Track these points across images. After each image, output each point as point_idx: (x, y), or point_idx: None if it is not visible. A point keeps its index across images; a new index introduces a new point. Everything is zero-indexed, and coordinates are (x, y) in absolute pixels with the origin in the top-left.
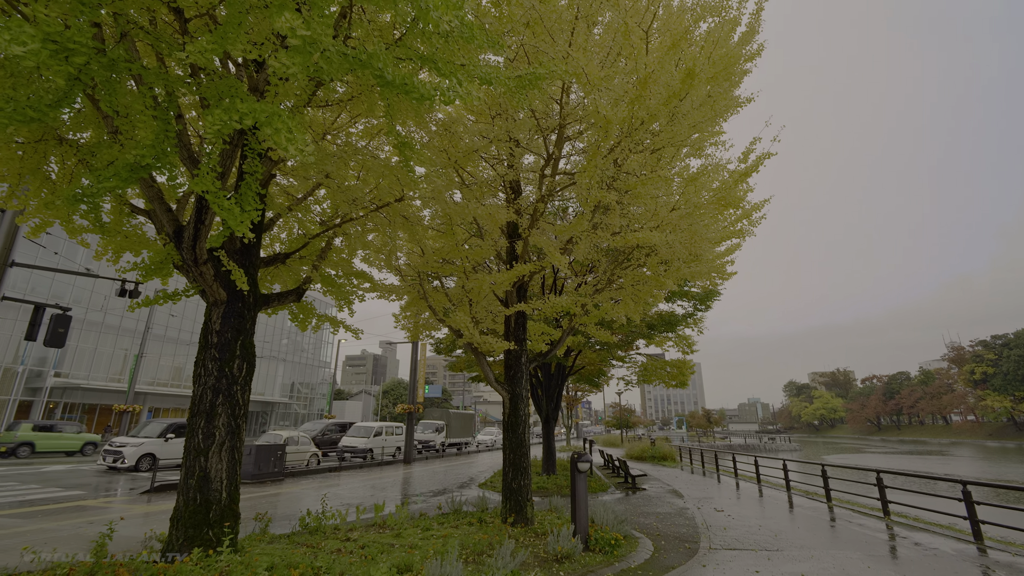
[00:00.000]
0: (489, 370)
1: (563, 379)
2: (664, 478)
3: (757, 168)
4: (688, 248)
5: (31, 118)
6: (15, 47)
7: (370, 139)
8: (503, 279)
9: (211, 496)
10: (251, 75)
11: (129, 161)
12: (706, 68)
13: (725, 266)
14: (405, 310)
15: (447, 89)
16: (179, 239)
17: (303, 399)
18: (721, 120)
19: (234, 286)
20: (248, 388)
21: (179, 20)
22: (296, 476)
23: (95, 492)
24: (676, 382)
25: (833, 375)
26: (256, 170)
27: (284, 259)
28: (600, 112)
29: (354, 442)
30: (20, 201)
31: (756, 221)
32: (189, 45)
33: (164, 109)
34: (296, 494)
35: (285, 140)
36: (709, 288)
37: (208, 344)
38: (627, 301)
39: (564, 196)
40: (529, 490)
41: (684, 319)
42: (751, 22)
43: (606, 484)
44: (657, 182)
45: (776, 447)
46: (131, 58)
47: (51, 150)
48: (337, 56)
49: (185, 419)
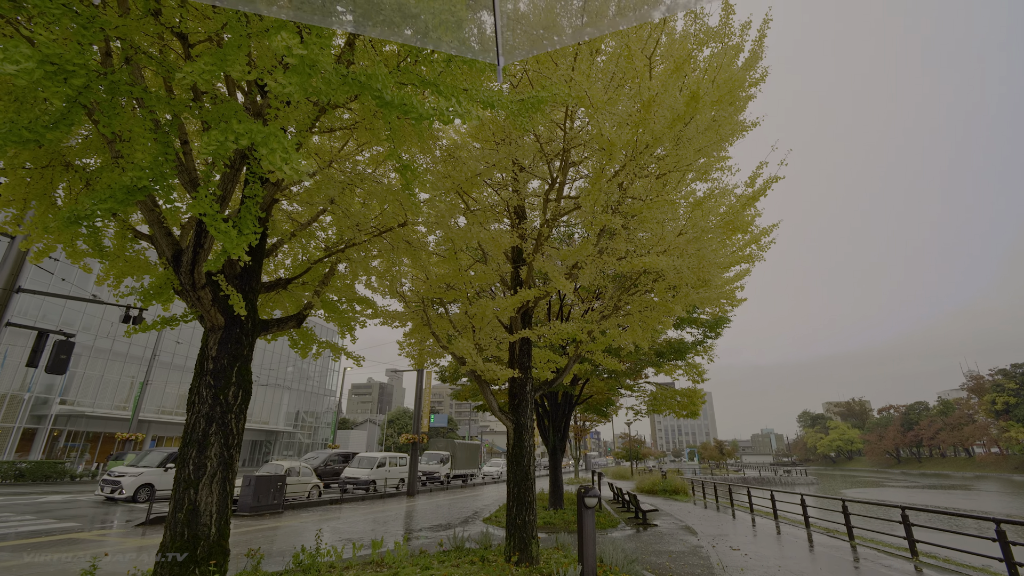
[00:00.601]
0: (493, 399)
1: (570, 409)
2: (676, 513)
3: (765, 192)
4: (696, 273)
5: (27, 139)
6: (7, 65)
7: (376, 166)
8: (507, 305)
9: (199, 531)
10: (254, 101)
11: (126, 183)
12: (710, 92)
13: (735, 292)
14: (409, 337)
15: (446, 109)
16: (178, 263)
17: (308, 428)
18: (727, 144)
19: (232, 311)
20: (243, 417)
21: (184, 45)
22: (296, 508)
23: (90, 524)
24: (687, 412)
25: (848, 405)
26: (256, 194)
27: (286, 284)
28: (604, 135)
29: (357, 473)
30: (26, 227)
31: (765, 246)
32: (187, 65)
33: (164, 132)
34: (294, 528)
35: (280, 160)
36: (718, 315)
37: (203, 371)
38: (635, 328)
39: (569, 222)
40: (534, 526)
41: (694, 346)
42: (754, 49)
43: (616, 519)
44: (663, 206)
45: (792, 480)
46: (133, 81)
47: (58, 176)
48: (336, 77)
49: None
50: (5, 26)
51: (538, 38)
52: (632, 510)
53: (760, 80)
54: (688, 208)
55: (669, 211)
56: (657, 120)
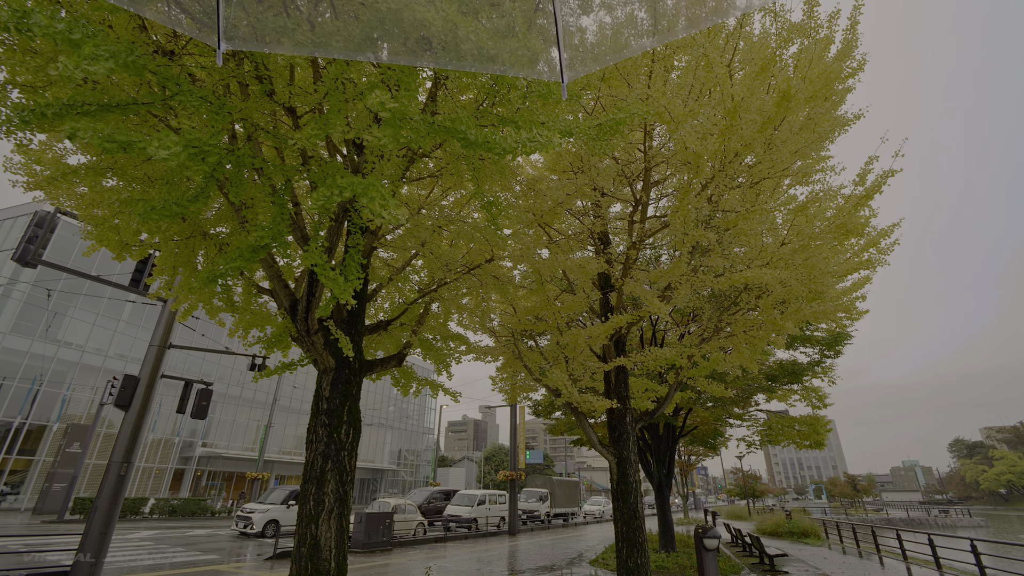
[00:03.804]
0: (592, 432)
1: (674, 441)
2: (809, 559)
3: (879, 189)
4: (807, 285)
5: (176, 213)
6: (161, 151)
7: (460, 208)
8: (599, 332)
9: (320, 566)
10: (352, 159)
11: (251, 243)
12: (802, 89)
13: (854, 303)
14: (501, 371)
15: (528, 141)
16: (294, 311)
17: (409, 466)
18: (827, 143)
19: (341, 353)
20: (355, 454)
21: (293, 118)
22: (404, 546)
23: (227, 557)
24: (809, 442)
25: (1016, 430)
26: (358, 243)
27: (386, 326)
28: (688, 148)
29: (458, 511)
30: (175, 290)
31: (887, 248)
32: (297, 133)
33: (280, 195)
34: (404, 566)
35: (379, 207)
36: (836, 330)
37: (319, 410)
38: (740, 349)
39: (655, 244)
40: (648, 570)
41: (810, 368)
42: (846, 38)
43: (737, 565)
44: (760, 215)
45: (952, 522)
46: (254, 155)
47: (198, 244)
48: (424, 126)
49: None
50: (157, 123)
51: (609, 53)
52: (755, 555)
53: (858, 69)
54: (789, 215)
55: (767, 221)
56: (745, 126)
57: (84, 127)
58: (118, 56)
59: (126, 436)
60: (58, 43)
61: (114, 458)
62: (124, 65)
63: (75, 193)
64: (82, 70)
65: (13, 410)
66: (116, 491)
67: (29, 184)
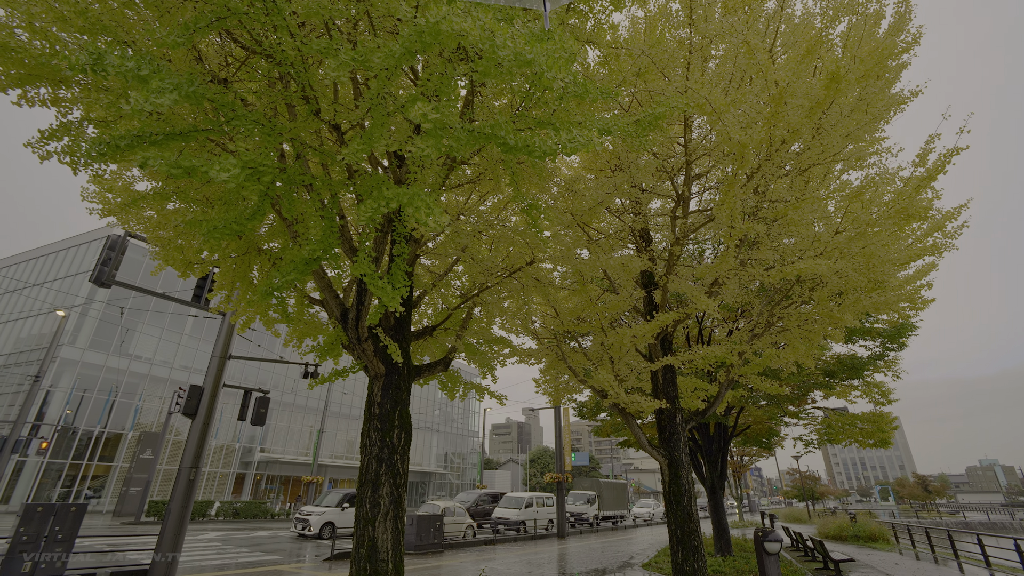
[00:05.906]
0: (640, 433)
1: (725, 441)
2: (879, 565)
3: (943, 169)
4: (865, 274)
5: (234, 231)
6: (222, 174)
7: (498, 213)
8: (645, 331)
9: (378, 567)
10: (394, 170)
11: (304, 256)
12: (852, 68)
13: (918, 292)
14: (545, 373)
15: (568, 141)
16: (344, 320)
17: (456, 469)
18: (881, 123)
19: (390, 359)
20: (407, 457)
21: (337, 134)
22: (454, 548)
23: (288, 557)
24: (874, 440)
25: None
26: (403, 252)
27: (431, 332)
28: (732, 138)
29: (506, 513)
30: (233, 304)
31: (953, 232)
32: (344, 148)
33: (329, 209)
34: (456, 568)
35: (424, 215)
36: (899, 321)
37: (371, 415)
38: (794, 344)
39: (698, 239)
40: (705, 574)
41: (871, 362)
42: (899, 11)
43: (800, 571)
44: (811, 203)
45: None
46: (303, 172)
47: (253, 260)
48: (464, 133)
49: (355, 488)
50: (214, 147)
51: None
52: (819, 559)
53: (913, 43)
54: (842, 202)
55: (818, 209)
56: (791, 112)
57: (153, 155)
58: (180, 88)
59: (194, 442)
60: (128, 80)
61: (184, 463)
62: (186, 96)
63: (143, 217)
64: (150, 103)
65: (93, 420)
66: (187, 494)
67: (104, 211)
